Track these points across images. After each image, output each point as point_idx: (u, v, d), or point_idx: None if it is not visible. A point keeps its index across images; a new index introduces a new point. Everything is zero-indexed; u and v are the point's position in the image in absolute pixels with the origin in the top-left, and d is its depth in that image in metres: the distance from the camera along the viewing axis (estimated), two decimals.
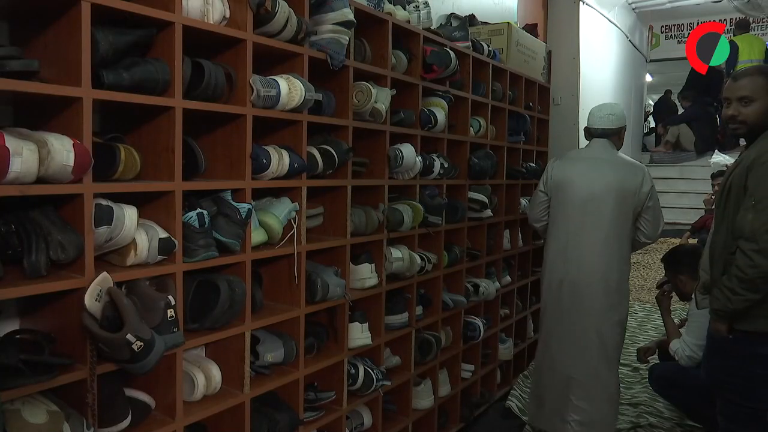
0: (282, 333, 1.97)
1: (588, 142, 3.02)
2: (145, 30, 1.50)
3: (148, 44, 1.55)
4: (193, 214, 1.59)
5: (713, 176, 5.79)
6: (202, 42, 1.71)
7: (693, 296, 2.77)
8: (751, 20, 7.24)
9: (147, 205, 1.58)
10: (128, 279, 1.47)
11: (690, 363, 2.84)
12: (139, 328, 1.33)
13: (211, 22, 1.64)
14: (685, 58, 9.01)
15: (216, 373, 1.73)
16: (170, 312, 1.46)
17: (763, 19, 8.48)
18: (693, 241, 5.21)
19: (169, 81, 1.51)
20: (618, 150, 2.91)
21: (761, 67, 2.12)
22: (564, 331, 2.77)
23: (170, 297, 1.47)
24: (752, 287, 1.92)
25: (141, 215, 1.51)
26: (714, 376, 2.26)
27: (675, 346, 2.92)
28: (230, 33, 1.68)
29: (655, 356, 3.28)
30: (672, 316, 3.20)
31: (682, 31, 10.06)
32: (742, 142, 2.15)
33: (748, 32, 7.60)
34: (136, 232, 1.47)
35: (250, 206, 1.72)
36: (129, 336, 1.30)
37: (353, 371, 2.23)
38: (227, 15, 1.69)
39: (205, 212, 1.62)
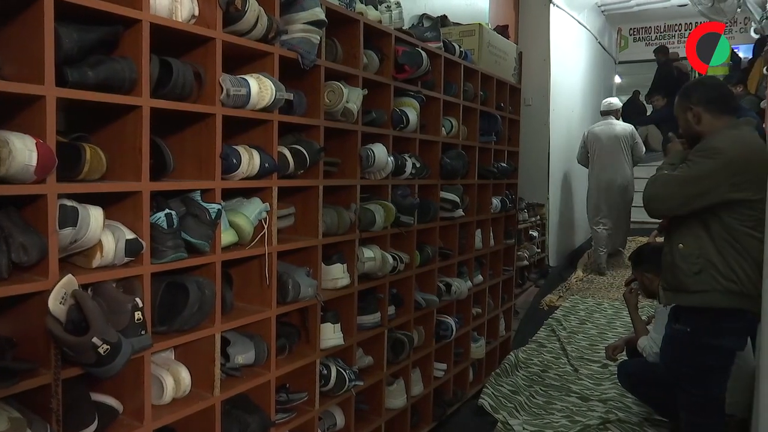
0: (253, 334, 1.96)
1: (602, 119, 6.59)
2: (111, 27, 1.47)
3: (114, 42, 1.52)
4: (161, 214, 1.57)
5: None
6: (171, 40, 1.68)
7: (658, 293, 2.84)
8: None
9: (113, 205, 1.55)
10: (94, 281, 1.45)
11: (657, 359, 2.89)
12: (105, 331, 1.30)
13: (180, 20, 1.62)
14: (652, 60, 9.24)
15: (185, 375, 1.71)
16: (138, 314, 1.44)
17: (727, 22, 8.70)
18: (660, 239, 5.33)
19: (136, 79, 1.49)
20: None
21: (680, 90, 2.38)
22: (603, 203, 6.46)
23: (137, 299, 1.45)
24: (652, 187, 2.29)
25: (107, 216, 1.48)
26: (672, 369, 2.35)
27: (642, 343, 2.98)
28: (199, 31, 1.66)
29: (624, 353, 3.33)
30: (640, 314, 3.26)
31: (650, 33, 10.28)
32: None
33: None
34: (102, 233, 1.44)
35: (219, 207, 1.70)
36: (95, 339, 1.28)
37: (325, 372, 2.23)
38: (196, 13, 1.67)
39: (173, 213, 1.60)
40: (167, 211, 1.59)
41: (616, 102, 6.70)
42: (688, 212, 2.15)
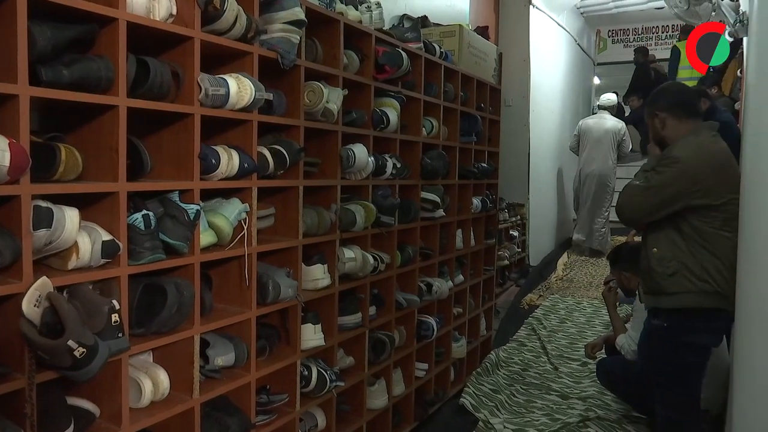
0: (233, 336, 1.94)
1: (598, 112, 7.17)
2: (86, 26, 1.45)
3: (90, 41, 1.50)
4: (138, 215, 1.55)
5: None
6: (148, 39, 1.67)
7: (637, 292, 2.88)
8: (694, 26, 7.52)
9: (90, 206, 1.53)
10: (70, 283, 1.42)
11: (635, 357, 2.93)
12: (81, 333, 1.28)
13: (157, 19, 1.60)
14: (630, 62, 9.36)
15: (164, 378, 1.69)
16: (114, 317, 1.42)
17: None
18: (638, 239, 5.40)
19: (112, 79, 1.47)
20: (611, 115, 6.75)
21: (649, 97, 2.47)
22: (587, 189, 6.93)
23: (114, 301, 1.43)
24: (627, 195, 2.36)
25: (83, 217, 1.46)
26: (649, 366, 2.39)
27: (621, 341, 3.01)
28: (177, 30, 1.65)
29: (603, 351, 3.37)
30: (619, 312, 3.30)
31: (628, 35, 10.41)
32: None
33: None
34: (78, 234, 1.42)
35: (198, 207, 1.68)
36: (70, 342, 1.25)
37: (306, 373, 2.22)
38: (174, 12, 1.66)
39: (151, 214, 1.58)
40: (144, 212, 1.57)
41: (613, 98, 7.27)
42: (657, 218, 2.21)
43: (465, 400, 3.27)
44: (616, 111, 9.15)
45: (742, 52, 4.89)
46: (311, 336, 2.21)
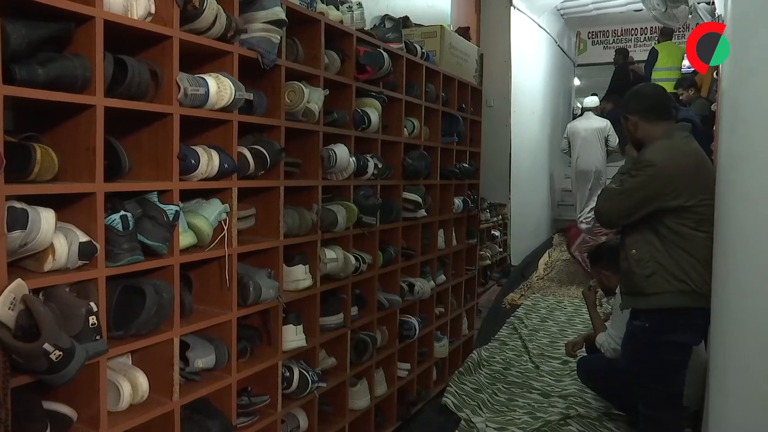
0: (213, 338, 1.93)
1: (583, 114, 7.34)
2: (62, 24, 1.43)
3: (66, 39, 1.48)
4: (116, 216, 1.53)
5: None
6: (126, 38, 1.65)
7: (617, 291, 2.91)
8: (672, 29, 7.63)
9: (66, 207, 1.51)
10: (46, 285, 1.41)
11: (615, 355, 2.96)
12: (57, 336, 1.27)
13: (135, 18, 1.58)
14: (610, 63, 9.47)
15: (143, 381, 1.67)
16: (92, 319, 1.40)
17: (680, 28, 8.96)
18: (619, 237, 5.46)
19: (89, 78, 1.45)
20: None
21: (622, 100, 2.52)
22: (582, 179, 7.05)
23: (92, 303, 1.41)
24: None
25: (60, 218, 1.44)
26: (632, 365, 2.41)
27: (600, 339, 3.04)
28: (155, 29, 1.63)
29: (583, 350, 3.40)
30: (598, 311, 3.34)
31: (608, 37, 10.52)
32: None
33: (671, 40, 8.02)
34: (54, 236, 1.40)
35: (177, 208, 1.67)
36: (46, 345, 1.24)
37: (288, 374, 2.21)
38: (152, 10, 1.64)
39: (129, 214, 1.56)
40: (122, 212, 1.55)
41: (595, 99, 7.58)
42: (633, 221, 2.25)
43: (447, 399, 3.28)
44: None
45: None
46: (293, 337, 2.20)
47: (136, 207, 1.64)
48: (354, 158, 2.50)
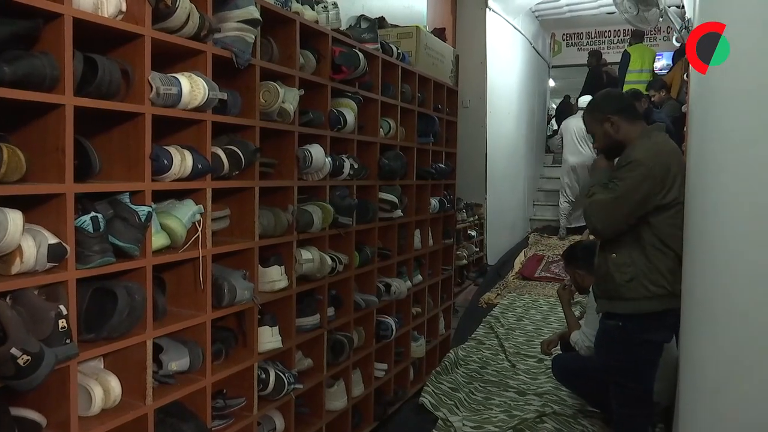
0: (187, 340, 1.91)
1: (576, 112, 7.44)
2: (29, 21, 1.40)
3: (34, 37, 1.45)
4: (86, 218, 1.51)
5: None
6: (96, 36, 1.62)
7: (591, 290, 2.95)
8: (643, 31, 7.77)
9: (35, 209, 1.48)
10: (14, 288, 1.37)
11: (589, 353, 3.00)
12: (25, 340, 1.24)
13: (106, 16, 1.56)
14: (584, 65, 9.59)
15: (115, 384, 1.65)
16: (62, 322, 1.38)
17: (652, 30, 9.12)
18: (593, 237, 5.54)
19: (58, 76, 1.42)
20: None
21: (588, 105, 2.51)
22: (571, 181, 7.33)
23: (62, 306, 1.39)
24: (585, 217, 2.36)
25: (28, 220, 1.41)
26: (605, 363, 2.44)
27: (575, 337, 3.08)
28: (126, 27, 1.61)
29: (558, 348, 3.43)
30: (574, 309, 3.38)
31: (582, 39, 10.65)
32: None
33: (642, 42, 8.16)
34: (22, 238, 1.37)
35: (149, 209, 1.65)
36: (13, 350, 1.21)
37: (263, 376, 2.19)
38: (123, 8, 1.61)
39: (100, 216, 1.53)
40: (93, 213, 1.53)
41: (588, 99, 7.66)
42: (632, 224, 2.21)
43: (424, 399, 3.29)
44: (564, 113, 9.46)
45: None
46: (268, 338, 2.19)
47: (108, 208, 1.62)
48: (330, 158, 2.49)
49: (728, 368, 1.53)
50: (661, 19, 5.61)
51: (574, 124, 7.29)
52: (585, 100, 7.50)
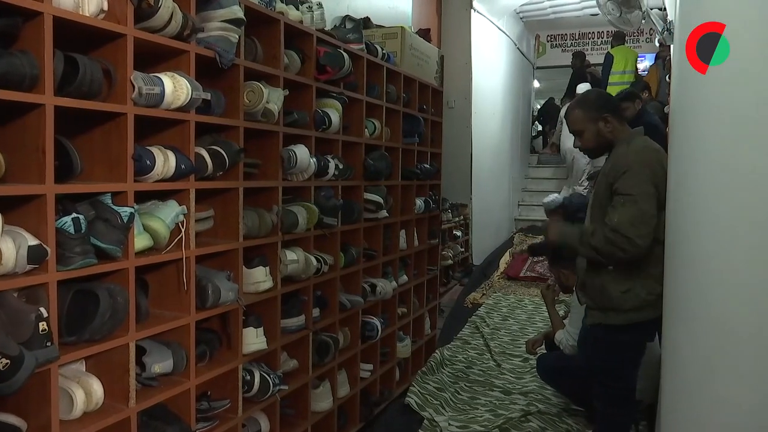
0: (171, 342, 1.89)
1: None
2: (8, 19, 1.39)
3: (13, 35, 1.43)
4: (67, 219, 1.49)
5: (589, 178, 6.23)
6: (78, 36, 1.61)
7: (574, 290, 2.97)
8: (625, 33, 7.85)
9: (14, 210, 1.46)
10: None
11: (573, 352, 3.02)
12: (4, 344, 1.23)
13: (87, 14, 1.54)
14: (568, 66, 9.67)
15: (97, 387, 1.63)
16: (42, 325, 1.36)
17: (634, 32, 9.21)
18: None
19: (38, 76, 1.40)
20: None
21: (577, 100, 2.47)
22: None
23: (42, 309, 1.37)
24: (606, 258, 2.18)
25: (8, 221, 1.39)
26: (589, 363, 2.46)
27: (559, 336, 3.10)
28: (108, 27, 1.59)
29: (543, 347, 3.45)
30: (558, 309, 3.40)
31: (566, 40, 10.72)
32: None
33: (624, 44, 8.23)
34: (1, 239, 1.35)
35: (132, 210, 1.63)
36: None
37: (248, 377, 2.18)
38: (105, 7, 1.60)
39: (81, 217, 1.52)
40: (74, 215, 1.51)
41: (587, 85, 7.80)
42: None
43: (410, 399, 3.29)
44: (548, 114, 9.54)
45: (670, 58, 5.14)
46: (253, 340, 2.18)
47: (89, 209, 1.60)
48: (315, 159, 2.49)
49: (708, 366, 1.55)
50: (643, 21, 5.67)
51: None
52: (582, 87, 7.58)
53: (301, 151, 2.37)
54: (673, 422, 1.77)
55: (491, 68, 7.68)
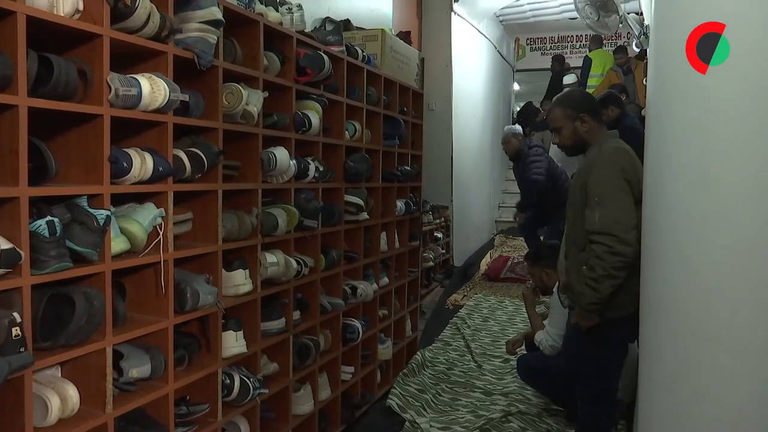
0: (149, 346, 1.87)
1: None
2: None
3: None
4: (42, 222, 1.47)
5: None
6: (53, 36, 1.59)
7: (555, 290, 3.00)
8: (603, 36, 7.95)
9: None
10: None
11: (553, 352, 3.05)
12: None
13: (61, 14, 1.52)
14: (547, 69, 9.76)
15: (73, 393, 1.60)
16: (15, 330, 1.34)
17: (612, 36, 9.33)
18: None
19: (11, 76, 1.38)
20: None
21: (559, 97, 2.52)
22: None
23: (15, 314, 1.35)
24: (614, 272, 2.14)
25: None
26: (572, 363, 2.48)
27: (539, 337, 3.12)
28: (84, 27, 1.57)
29: (523, 348, 3.48)
30: (538, 309, 3.42)
31: (545, 43, 10.82)
32: None
33: (602, 47, 8.34)
34: None
35: (108, 213, 1.61)
36: None
37: (228, 381, 2.17)
38: (80, 7, 1.58)
39: (56, 220, 1.49)
40: (49, 218, 1.49)
41: (573, 77, 8.23)
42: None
43: (392, 401, 3.29)
44: (532, 117, 9.64)
45: (647, 62, 5.22)
46: (233, 343, 2.16)
47: (65, 212, 1.58)
48: (294, 161, 2.48)
49: (684, 363, 1.58)
50: (620, 25, 5.75)
51: None
52: (570, 79, 7.76)
53: (281, 153, 2.36)
54: (651, 419, 1.79)
55: (472, 71, 7.72)
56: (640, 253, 2.14)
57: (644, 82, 6.18)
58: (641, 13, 5.56)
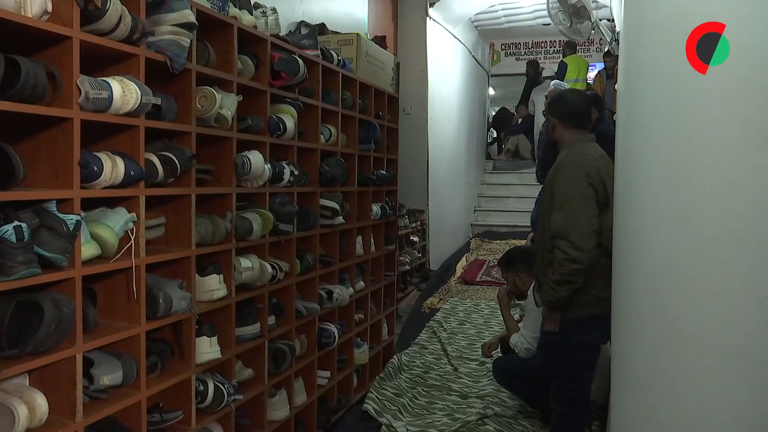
0: (121, 353, 1.84)
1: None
2: None
3: None
4: (9, 227, 1.43)
5: None
6: (20, 38, 1.56)
7: (529, 293, 3.03)
8: (576, 42, 8.07)
9: None
10: None
11: (528, 355, 3.07)
12: None
13: (29, 16, 1.49)
14: (522, 74, 9.87)
15: (41, 402, 1.57)
16: None
17: (585, 42, 9.47)
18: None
19: None
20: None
21: (549, 98, 2.68)
22: None
23: None
24: (570, 278, 2.21)
25: None
26: (546, 366, 2.51)
27: (514, 340, 3.14)
28: (53, 29, 1.54)
29: (499, 350, 3.50)
30: (513, 312, 3.45)
31: (520, 49, 10.95)
32: None
33: (575, 53, 8.46)
34: None
35: (78, 217, 1.58)
36: None
37: (202, 388, 2.14)
38: (49, 9, 1.55)
39: (23, 225, 1.46)
40: (17, 223, 1.46)
41: (559, 83, 8.56)
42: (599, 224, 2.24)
43: (368, 405, 3.28)
44: (502, 121, 9.76)
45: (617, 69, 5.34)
46: (207, 349, 2.14)
47: (33, 217, 1.55)
48: (269, 165, 2.47)
49: (656, 364, 1.60)
50: (593, 32, 5.86)
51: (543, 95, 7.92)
52: (555, 83, 7.90)
53: (256, 158, 2.35)
54: (624, 420, 1.82)
55: (447, 75, 7.77)
56: (598, 258, 2.21)
57: (615, 87, 6.30)
58: (612, 20, 5.67)
